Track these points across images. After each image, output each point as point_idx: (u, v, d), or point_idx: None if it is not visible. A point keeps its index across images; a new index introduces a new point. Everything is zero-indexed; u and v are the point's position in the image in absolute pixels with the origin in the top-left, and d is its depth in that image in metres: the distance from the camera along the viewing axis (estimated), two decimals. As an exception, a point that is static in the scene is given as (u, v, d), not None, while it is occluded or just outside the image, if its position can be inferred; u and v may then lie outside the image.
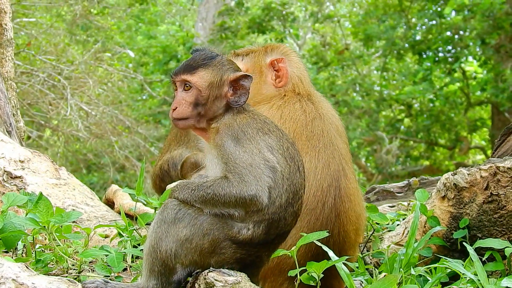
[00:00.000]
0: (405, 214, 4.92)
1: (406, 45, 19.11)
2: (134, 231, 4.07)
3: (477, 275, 3.08)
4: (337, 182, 3.61)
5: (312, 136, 3.64)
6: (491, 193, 3.57)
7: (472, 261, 3.17)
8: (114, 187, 5.48)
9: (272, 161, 2.84)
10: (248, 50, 4.07)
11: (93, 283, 2.99)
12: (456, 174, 3.73)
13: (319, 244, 3.20)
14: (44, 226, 3.52)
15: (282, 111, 3.71)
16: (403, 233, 4.18)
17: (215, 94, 3.00)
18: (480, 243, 3.43)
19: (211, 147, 2.95)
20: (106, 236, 4.35)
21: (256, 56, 4.00)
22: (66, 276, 3.41)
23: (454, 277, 3.31)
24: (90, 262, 3.75)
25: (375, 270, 3.67)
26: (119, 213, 4.78)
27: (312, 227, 3.49)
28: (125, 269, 3.76)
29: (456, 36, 18.60)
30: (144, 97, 20.27)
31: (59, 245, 3.62)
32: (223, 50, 4.22)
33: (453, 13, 18.22)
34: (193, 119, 3.01)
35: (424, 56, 19.05)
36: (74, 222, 4.22)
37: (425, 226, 3.84)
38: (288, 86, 3.90)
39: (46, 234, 3.63)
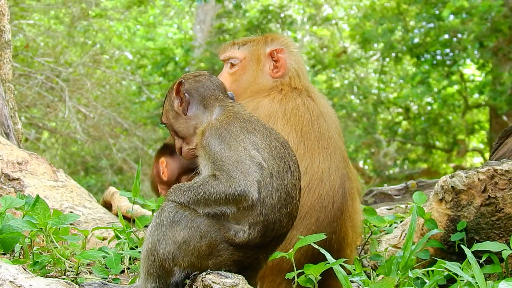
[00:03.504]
0: (403, 217, 4.92)
1: (404, 48, 19.10)
2: (132, 233, 4.07)
3: (474, 277, 3.08)
4: (344, 184, 3.66)
5: (320, 136, 3.65)
6: (488, 195, 3.58)
7: (470, 263, 3.16)
8: (112, 189, 5.46)
9: (257, 158, 2.84)
10: (247, 39, 4.05)
11: (91, 285, 2.99)
12: (453, 176, 3.73)
13: (317, 247, 3.20)
14: (42, 228, 3.52)
15: (285, 106, 3.68)
16: (401, 235, 4.18)
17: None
18: (477, 246, 3.42)
19: (199, 149, 2.96)
20: (104, 239, 4.35)
21: (255, 44, 3.98)
22: (64, 278, 3.40)
23: (452, 279, 3.31)
24: (87, 264, 3.75)
25: (372, 272, 3.67)
26: (117, 215, 4.78)
27: (321, 224, 3.54)
28: (122, 271, 3.76)
29: (454, 39, 18.58)
30: (142, 99, 20.23)
31: (57, 247, 3.61)
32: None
33: (451, 16, 18.21)
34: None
35: (422, 59, 19.02)
36: (71, 224, 4.21)
37: (422, 229, 3.85)
38: (285, 79, 3.86)
39: (43, 236, 3.63)
